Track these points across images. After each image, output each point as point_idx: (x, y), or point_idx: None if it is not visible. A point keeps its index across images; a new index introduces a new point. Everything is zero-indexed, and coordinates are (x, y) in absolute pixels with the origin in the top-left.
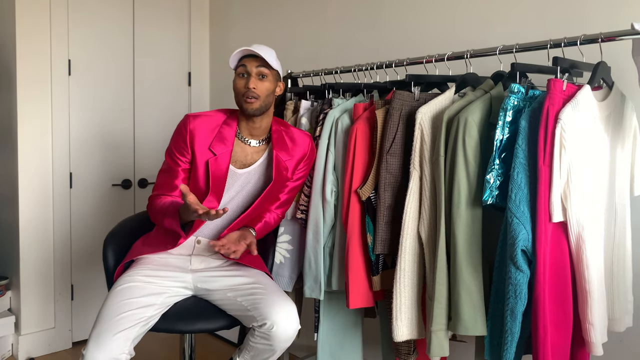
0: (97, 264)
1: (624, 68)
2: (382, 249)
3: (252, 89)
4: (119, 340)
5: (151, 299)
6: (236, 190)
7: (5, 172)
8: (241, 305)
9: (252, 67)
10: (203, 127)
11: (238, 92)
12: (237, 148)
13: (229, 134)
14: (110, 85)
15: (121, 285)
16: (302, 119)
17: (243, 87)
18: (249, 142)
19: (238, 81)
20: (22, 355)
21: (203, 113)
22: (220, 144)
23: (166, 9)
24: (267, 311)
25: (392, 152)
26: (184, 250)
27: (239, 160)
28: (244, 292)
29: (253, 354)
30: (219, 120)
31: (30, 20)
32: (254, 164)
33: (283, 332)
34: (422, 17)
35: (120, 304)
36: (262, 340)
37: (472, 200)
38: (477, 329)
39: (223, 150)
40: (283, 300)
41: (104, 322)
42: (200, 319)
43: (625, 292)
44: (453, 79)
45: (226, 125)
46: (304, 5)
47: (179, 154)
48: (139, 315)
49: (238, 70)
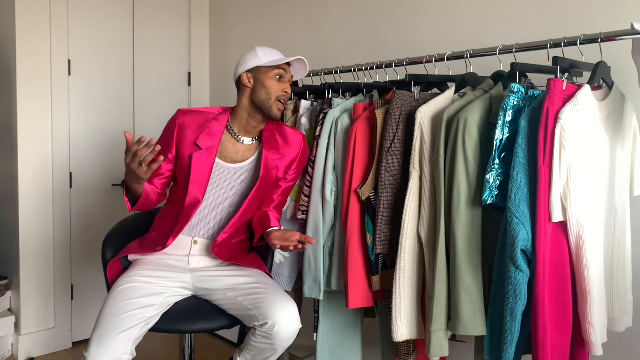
0: (97, 264)
1: (624, 68)
2: (382, 249)
3: (288, 93)
4: (121, 341)
5: (151, 299)
6: (227, 187)
7: (5, 172)
8: (242, 305)
9: (289, 73)
10: (193, 122)
11: (273, 94)
12: (227, 144)
13: (217, 129)
14: (110, 85)
15: (121, 286)
16: (302, 118)
17: (281, 90)
18: (242, 139)
19: (276, 83)
20: (22, 355)
21: (196, 109)
22: (207, 138)
23: (166, 9)
24: (268, 311)
25: (392, 151)
26: (181, 250)
27: (228, 155)
28: (245, 292)
29: (254, 353)
30: (209, 116)
31: (30, 20)
32: (245, 162)
33: (285, 332)
34: (422, 17)
35: (122, 305)
36: (264, 339)
37: (472, 200)
38: (477, 329)
39: (209, 144)
40: (284, 299)
41: (106, 323)
42: (201, 319)
43: (625, 292)
44: (453, 79)
45: (215, 121)
46: (304, 5)
47: (166, 147)
48: (140, 316)
49: (277, 72)
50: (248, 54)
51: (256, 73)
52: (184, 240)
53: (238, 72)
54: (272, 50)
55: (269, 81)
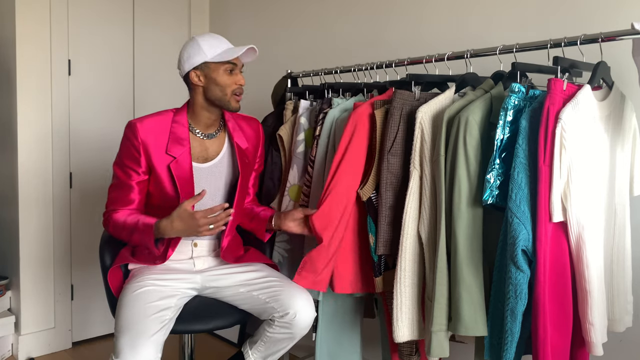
0: (97, 264)
1: (624, 68)
2: (384, 249)
3: (242, 84)
4: (153, 345)
5: (168, 301)
6: (209, 185)
7: (5, 172)
8: (258, 299)
9: (240, 63)
10: (153, 130)
11: (227, 88)
12: (194, 144)
13: (182, 132)
14: (110, 85)
15: (137, 289)
16: (301, 118)
17: (234, 83)
18: (206, 135)
19: (227, 77)
20: (22, 355)
21: (146, 116)
22: (176, 144)
23: (166, 9)
24: (288, 301)
25: (393, 151)
26: (183, 255)
27: (200, 155)
28: (259, 286)
29: (269, 344)
30: (167, 120)
31: (31, 19)
32: (217, 156)
33: (305, 319)
34: (422, 17)
35: (144, 308)
36: (283, 329)
37: (472, 199)
38: (478, 329)
39: (181, 150)
40: (300, 289)
41: (133, 328)
42: (215, 317)
43: (625, 292)
44: (453, 78)
45: (176, 124)
46: (303, 5)
47: (134, 164)
48: (163, 318)
49: (226, 66)
50: (190, 47)
51: (205, 70)
52: (183, 246)
53: (184, 69)
54: (217, 40)
55: (220, 77)
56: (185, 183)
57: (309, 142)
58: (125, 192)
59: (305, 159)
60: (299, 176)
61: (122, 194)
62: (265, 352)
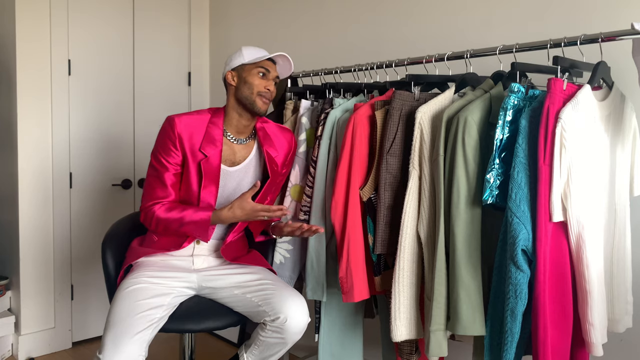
0: (97, 264)
1: (624, 68)
2: (382, 249)
3: (271, 90)
4: (137, 343)
5: (160, 299)
6: (232, 188)
7: (5, 172)
8: (251, 302)
9: (273, 71)
10: (190, 127)
11: (255, 89)
12: (225, 147)
13: (217, 134)
14: (110, 85)
15: (128, 287)
16: (302, 118)
17: (263, 87)
18: (236, 140)
19: (258, 79)
20: (22, 355)
21: (186, 114)
22: (210, 144)
23: (166, 9)
24: (279, 305)
25: (392, 152)
26: (185, 251)
27: (228, 159)
28: (253, 289)
29: (262, 348)
30: (204, 120)
31: (31, 20)
32: (243, 162)
33: (296, 325)
34: (422, 17)
35: (133, 305)
36: (274, 334)
37: (471, 199)
38: (476, 328)
39: (213, 151)
40: (293, 294)
41: (119, 324)
42: (208, 317)
43: (625, 292)
44: (453, 79)
45: (213, 125)
46: (303, 5)
47: (170, 156)
48: (151, 317)
49: (259, 70)
50: (234, 53)
51: (240, 71)
52: None
53: (224, 71)
54: (258, 49)
55: (251, 78)
56: (210, 182)
57: (310, 141)
58: (163, 183)
59: (307, 159)
60: (301, 176)
61: (160, 186)
62: (260, 356)
